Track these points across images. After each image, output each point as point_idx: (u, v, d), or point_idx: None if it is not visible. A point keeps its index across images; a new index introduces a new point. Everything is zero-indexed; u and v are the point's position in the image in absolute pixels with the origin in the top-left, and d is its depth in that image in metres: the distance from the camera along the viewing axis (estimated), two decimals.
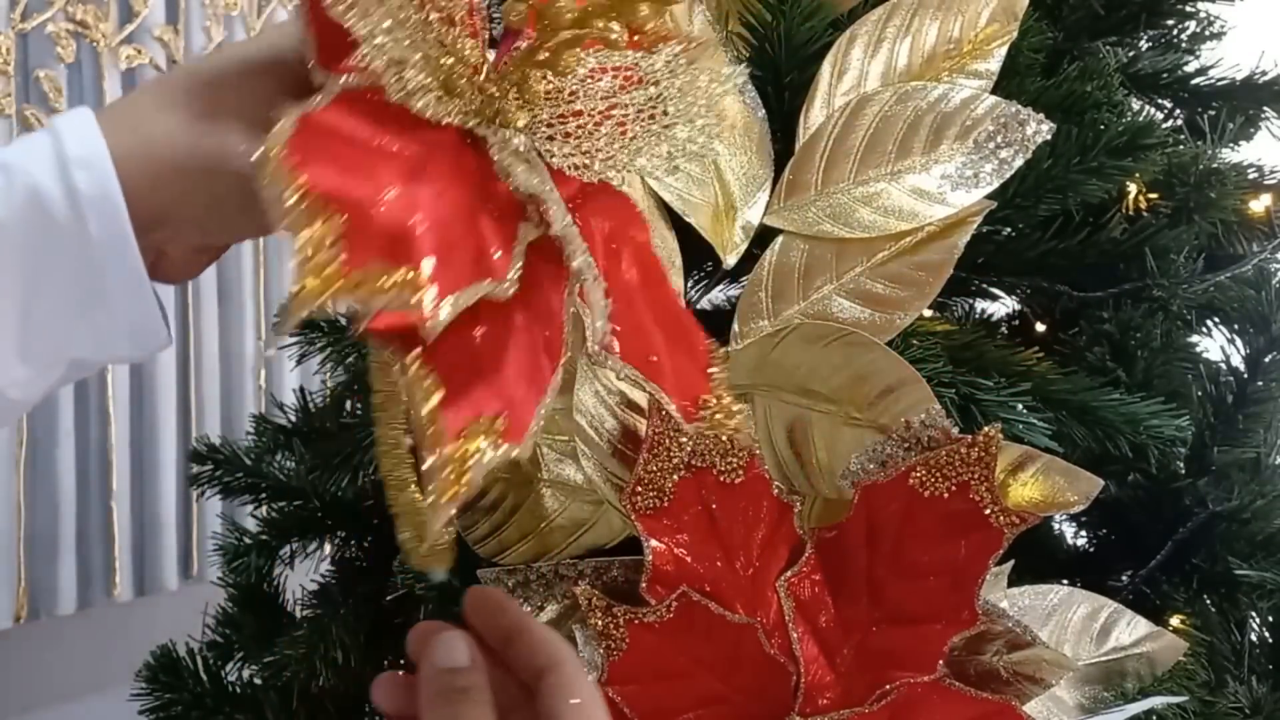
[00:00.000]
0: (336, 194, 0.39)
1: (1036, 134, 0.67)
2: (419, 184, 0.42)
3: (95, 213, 0.39)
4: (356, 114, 0.42)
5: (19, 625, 1.78)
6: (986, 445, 0.64)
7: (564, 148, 0.49)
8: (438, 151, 0.44)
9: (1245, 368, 0.94)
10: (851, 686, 0.65)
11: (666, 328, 0.52)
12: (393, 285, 0.39)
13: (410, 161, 0.42)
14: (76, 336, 0.42)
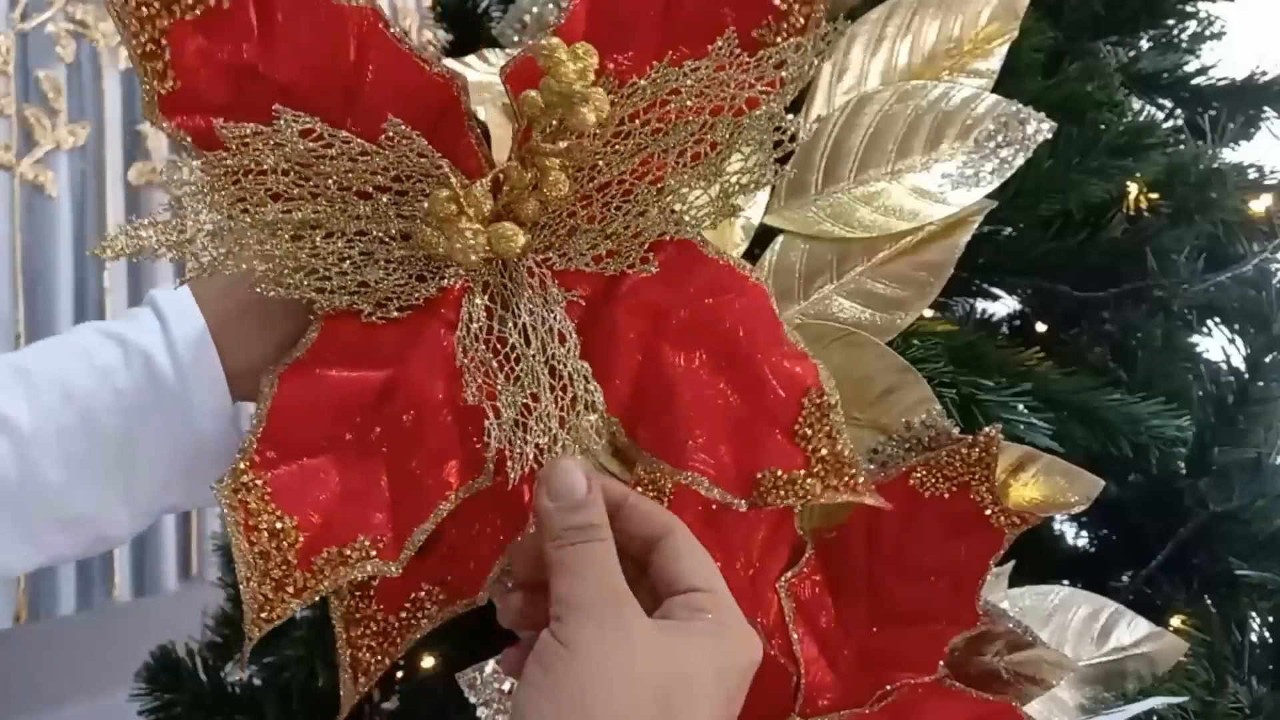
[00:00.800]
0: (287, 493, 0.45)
1: (1037, 133, 0.67)
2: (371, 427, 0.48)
3: (197, 380, 0.46)
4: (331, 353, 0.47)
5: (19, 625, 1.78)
6: (987, 446, 0.64)
7: (581, 243, 0.48)
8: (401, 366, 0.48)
9: (1246, 368, 0.94)
10: (852, 687, 0.65)
11: (738, 392, 0.50)
12: (342, 567, 0.46)
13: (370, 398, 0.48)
14: (174, 489, 0.48)
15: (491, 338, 0.48)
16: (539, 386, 0.47)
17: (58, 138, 1.83)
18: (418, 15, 2.42)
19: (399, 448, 0.48)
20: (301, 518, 0.46)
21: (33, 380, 0.44)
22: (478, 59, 0.78)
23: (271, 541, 0.45)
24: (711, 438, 0.50)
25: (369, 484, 0.48)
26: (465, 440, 0.48)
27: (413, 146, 0.46)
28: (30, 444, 0.44)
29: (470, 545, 0.51)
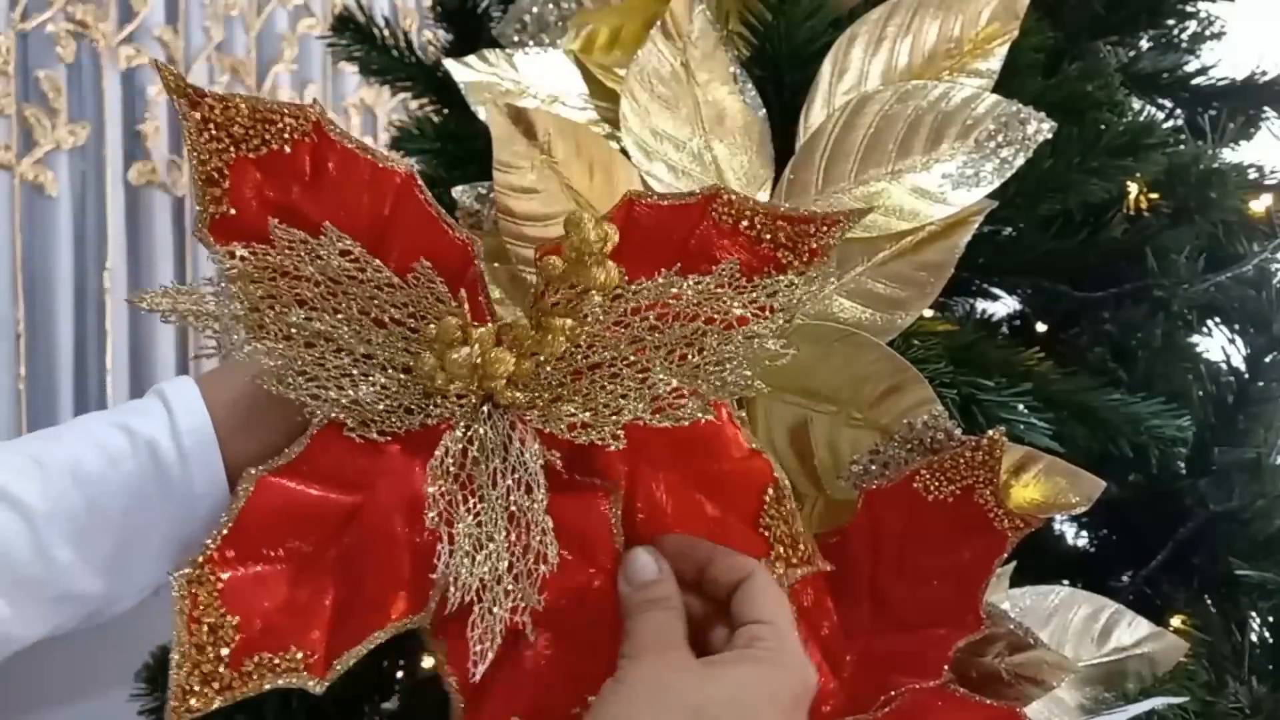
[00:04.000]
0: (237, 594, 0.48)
1: (1038, 133, 0.67)
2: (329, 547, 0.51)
3: (199, 471, 0.50)
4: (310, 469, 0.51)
5: None
6: (991, 449, 0.63)
7: (563, 410, 0.53)
8: (376, 493, 0.52)
9: (1246, 368, 0.94)
10: (855, 693, 0.65)
11: (710, 497, 0.58)
12: (269, 673, 0.50)
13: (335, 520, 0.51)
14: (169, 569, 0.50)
15: (462, 474, 0.52)
16: (495, 529, 0.52)
17: (58, 138, 1.83)
18: (418, 15, 2.42)
19: (351, 572, 0.51)
20: (244, 620, 0.49)
21: (45, 466, 0.47)
22: (478, 59, 0.78)
23: (209, 636, 0.48)
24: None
25: (314, 600, 0.51)
26: (414, 576, 0.52)
27: (434, 289, 0.52)
28: (42, 525, 0.47)
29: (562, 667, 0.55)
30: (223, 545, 0.49)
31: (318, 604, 0.51)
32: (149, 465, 0.49)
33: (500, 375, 0.52)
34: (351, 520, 0.52)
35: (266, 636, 0.50)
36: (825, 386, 0.67)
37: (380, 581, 0.52)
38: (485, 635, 0.51)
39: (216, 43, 2.03)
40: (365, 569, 0.52)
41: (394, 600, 0.52)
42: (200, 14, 2.02)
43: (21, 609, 0.48)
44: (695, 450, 0.57)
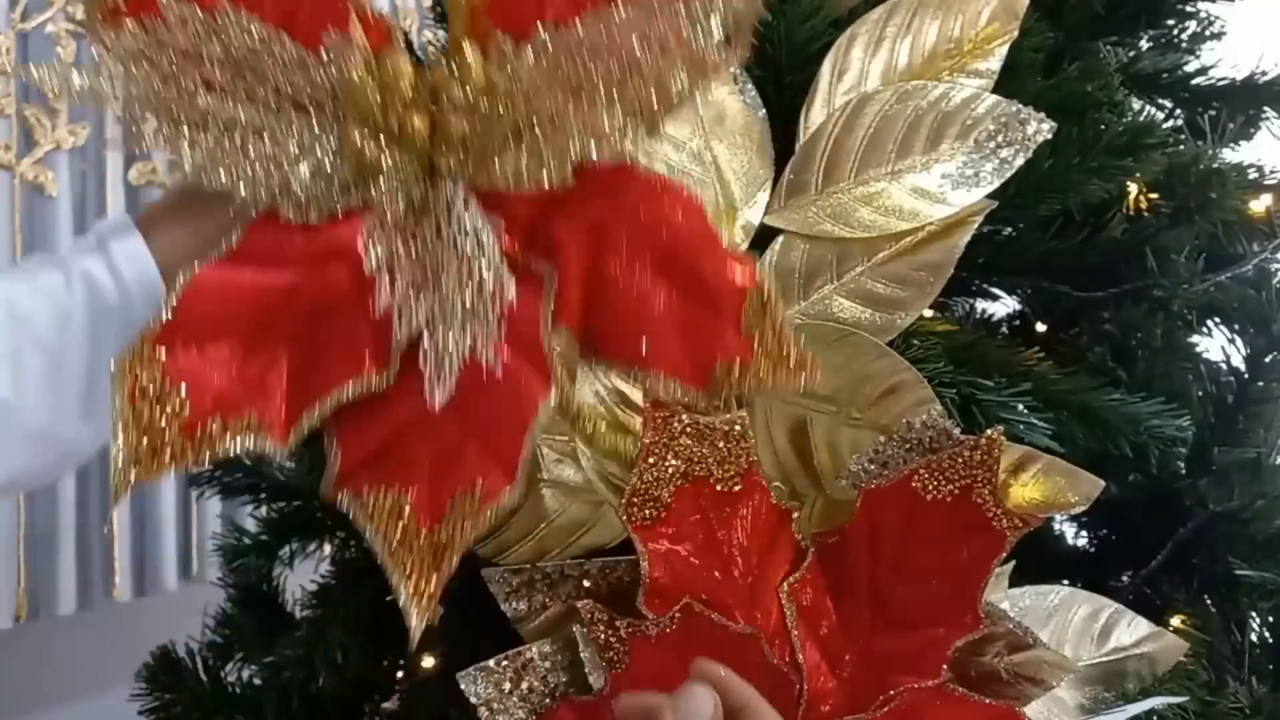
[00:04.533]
0: (183, 372, 0.48)
1: (1037, 133, 0.67)
2: (278, 321, 0.51)
3: (139, 293, 0.50)
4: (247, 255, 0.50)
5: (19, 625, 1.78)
6: (990, 448, 0.63)
7: (507, 164, 0.51)
8: (319, 268, 0.51)
9: (1246, 368, 0.94)
10: (855, 693, 0.65)
11: (685, 295, 0.54)
12: (224, 436, 0.49)
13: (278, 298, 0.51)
14: None
15: (406, 235, 0.51)
16: (449, 282, 0.51)
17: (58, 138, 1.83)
18: (418, 15, 2.42)
19: (303, 339, 0.51)
20: (193, 392, 0.48)
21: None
22: None
23: (156, 408, 0.47)
24: (663, 339, 0.54)
25: (268, 371, 0.51)
26: (375, 336, 0.51)
27: (350, 57, 0.49)
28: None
29: (482, 440, 0.52)
30: (165, 328, 0.48)
31: (272, 373, 0.51)
32: (85, 297, 0.49)
33: (401, 77, 0.50)
34: (296, 295, 0.51)
35: (219, 406, 0.49)
36: (825, 387, 0.67)
37: (338, 345, 0.51)
38: (442, 362, 0.50)
39: None
40: (319, 337, 0.51)
41: (355, 361, 0.51)
42: None
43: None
44: (664, 243, 0.54)
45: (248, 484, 1.09)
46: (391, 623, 0.95)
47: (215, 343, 0.50)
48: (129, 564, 1.93)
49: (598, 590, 0.68)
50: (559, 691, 0.66)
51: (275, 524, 1.08)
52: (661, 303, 0.54)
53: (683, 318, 0.54)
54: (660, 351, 0.54)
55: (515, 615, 0.69)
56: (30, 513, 1.79)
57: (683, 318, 0.54)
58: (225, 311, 0.50)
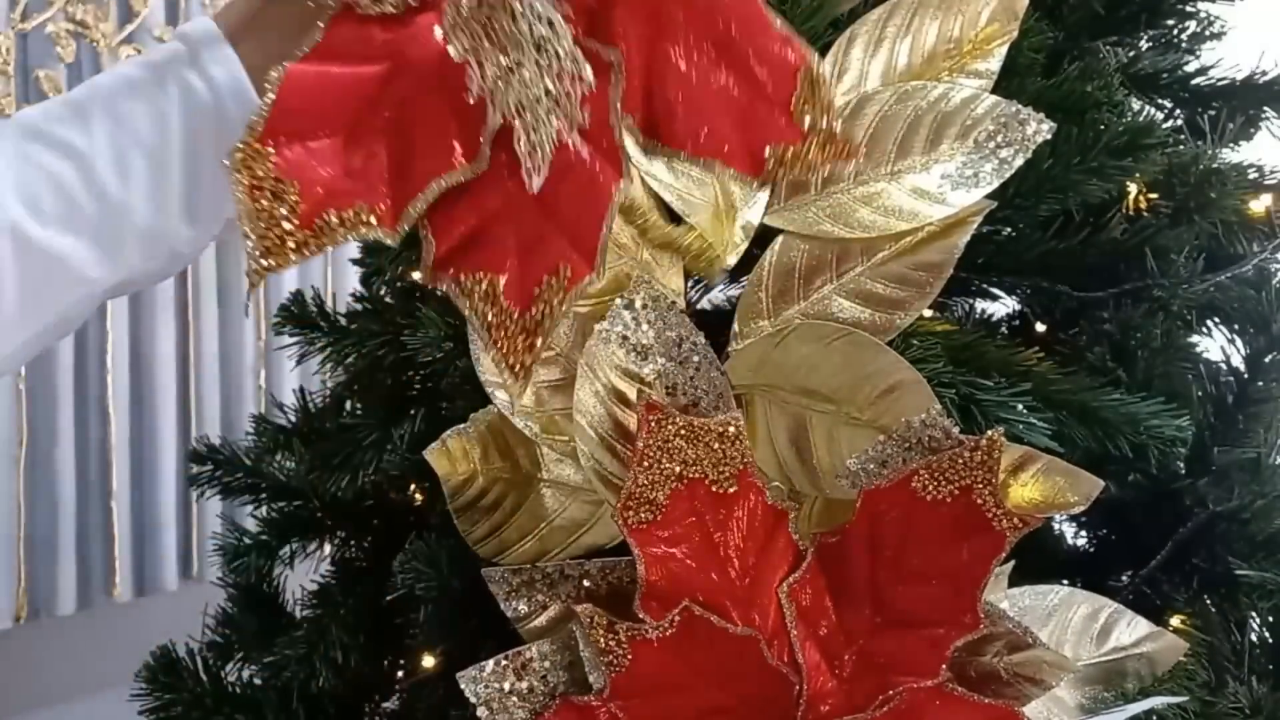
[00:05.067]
0: (292, 165, 0.50)
1: (1037, 133, 0.67)
2: (373, 114, 0.52)
3: (230, 93, 0.52)
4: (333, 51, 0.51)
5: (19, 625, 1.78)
6: (989, 449, 0.63)
7: None
8: (405, 58, 0.52)
9: (1245, 368, 0.94)
10: (854, 693, 0.65)
11: (740, 78, 0.55)
12: (341, 228, 0.51)
13: (370, 89, 0.52)
14: (227, 196, 0.51)
15: (483, 22, 0.52)
16: (523, 55, 0.52)
17: None
18: None
19: (399, 132, 0.53)
20: (304, 186, 0.50)
21: (84, 109, 0.49)
22: None
23: (274, 202, 0.50)
24: (720, 125, 0.56)
25: (370, 162, 0.52)
26: (461, 130, 0.53)
27: None
28: (93, 167, 0.48)
29: (561, 226, 0.55)
30: (267, 127, 0.50)
31: (374, 165, 0.52)
32: (180, 96, 0.50)
33: None
34: (386, 85, 0.52)
35: (330, 198, 0.51)
36: (825, 386, 0.67)
37: (429, 136, 0.53)
38: (535, 150, 0.52)
39: None
40: (411, 127, 0.53)
41: (448, 150, 0.53)
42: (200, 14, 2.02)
43: (90, 251, 0.49)
44: (720, 28, 0.55)
45: (248, 484, 1.09)
46: (391, 623, 0.95)
47: (316, 137, 0.51)
48: (129, 564, 1.93)
49: (597, 590, 0.68)
50: (559, 691, 0.66)
51: (275, 524, 1.08)
52: (719, 87, 0.55)
53: (738, 102, 0.56)
54: (717, 138, 0.56)
55: (515, 615, 0.69)
56: (30, 513, 1.79)
57: (738, 102, 0.56)
58: (322, 106, 0.52)
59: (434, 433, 0.76)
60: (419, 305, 0.93)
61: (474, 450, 0.74)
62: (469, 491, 0.74)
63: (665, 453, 0.63)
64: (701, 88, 0.55)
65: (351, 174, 0.52)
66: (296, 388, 1.23)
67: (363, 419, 1.01)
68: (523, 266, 0.55)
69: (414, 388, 0.98)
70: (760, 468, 0.66)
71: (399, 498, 1.04)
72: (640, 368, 0.66)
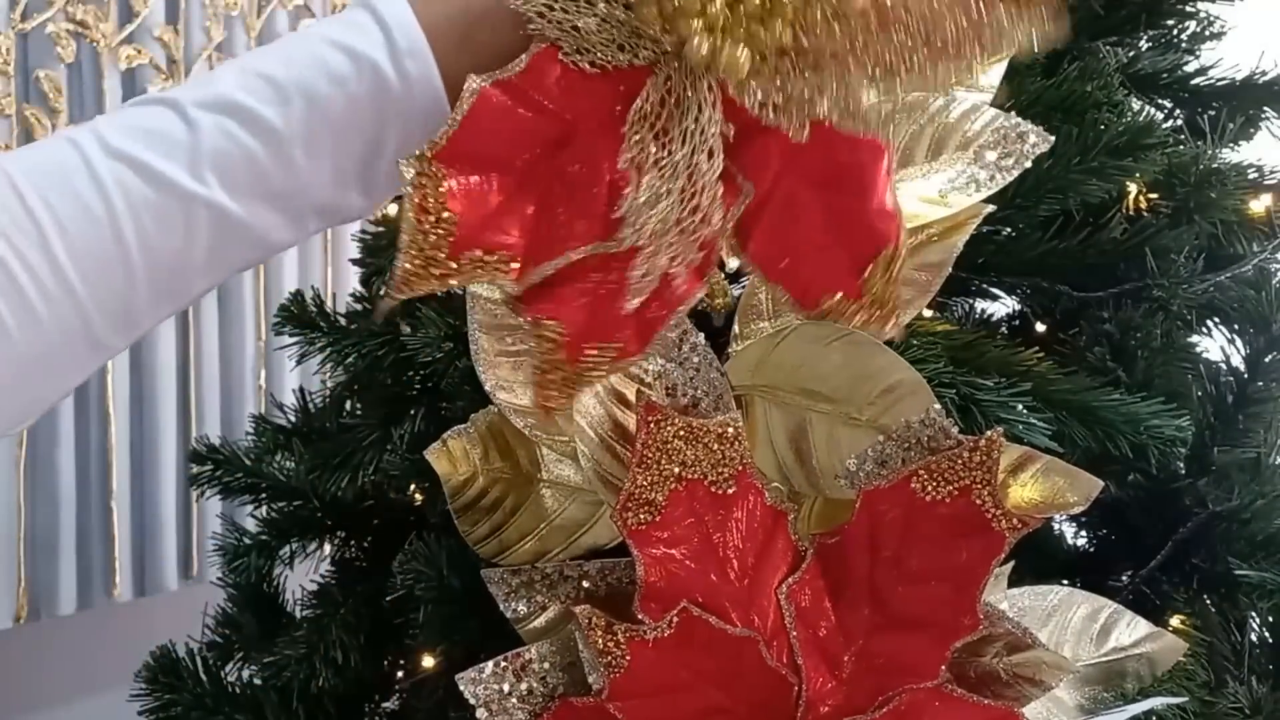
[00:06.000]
0: (461, 193, 0.51)
1: (1036, 146, 0.67)
2: (542, 166, 0.53)
3: (420, 91, 0.53)
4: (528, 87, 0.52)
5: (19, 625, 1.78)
6: (989, 449, 0.63)
7: (761, 83, 0.51)
8: (589, 124, 0.53)
9: (1245, 368, 0.94)
10: (854, 694, 0.65)
11: (834, 230, 0.57)
12: (481, 267, 0.53)
13: (549, 139, 0.53)
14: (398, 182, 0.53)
15: (657, 125, 0.53)
16: (674, 184, 0.53)
17: None
18: None
19: (555, 193, 0.54)
20: (463, 218, 0.52)
21: (283, 89, 0.51)
22: None
23: (436, 226, 0.51)
24: (798, 264, 0.57)
25: (521, 212, 0.53)
26: (606, 208, 0.54)
27: None
28: (284, 144, 0.51)
29: (636, 312, 0.56)
30: (448, 145, 0.51)
31: (523, 216, 0.53)
32: (372, 88, 0.52)
33: (733, 70, 0.50)
34: (561, 145, 0.53)
35: (480, 236, 0.52)
36: (824, 386, 0.67)
37: (579, 206, 0.53)
38: (647, 274, 0.53)
39: (217, 43, 2.03)
40: (568, 192, 0.53)
41: (589, 225, 0.53)
42: (200, 14, 2.02)
43: (277, 221, 0.52)
44: (844, 181, 0.56)
45: (248, 484, 1.09)
46: (391, 623, 0.95)
47: (485, 173, 0.52)
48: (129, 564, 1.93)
49: (596, 591, 0.68)
50: (558, 692, 0.66)
51: (275, 524, 1.08)
52: (810, 227, 0.57)
53: (823, 250, 0.57)
54: (790, 273, 0.58)
55: (514, 616, 0.69)
56: (30, 513, 1.79)
57: (823, 250, 0.57)
58: (500, 142, 0.52)
59: (434, 433, 0.76)
60: (419, 305, 0.93)
61: (474, 450, 0.74)
62: (469, 492, 0.74)
63: (664, 454, 0.63)
64: (797, 222, 0.57)
65: (502, 218, 0.53)
66: (296, 388, 1.23)
67: (363, 419, 1.02)
68: (588, 327, 0.56)
69: (414, 388, 0.98)
70: (760, 468, 0.66)
71: (399, 498, 1.04)
72: (640, 368, 0.66)
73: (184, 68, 2.00)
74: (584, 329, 0.57)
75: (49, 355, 0.49)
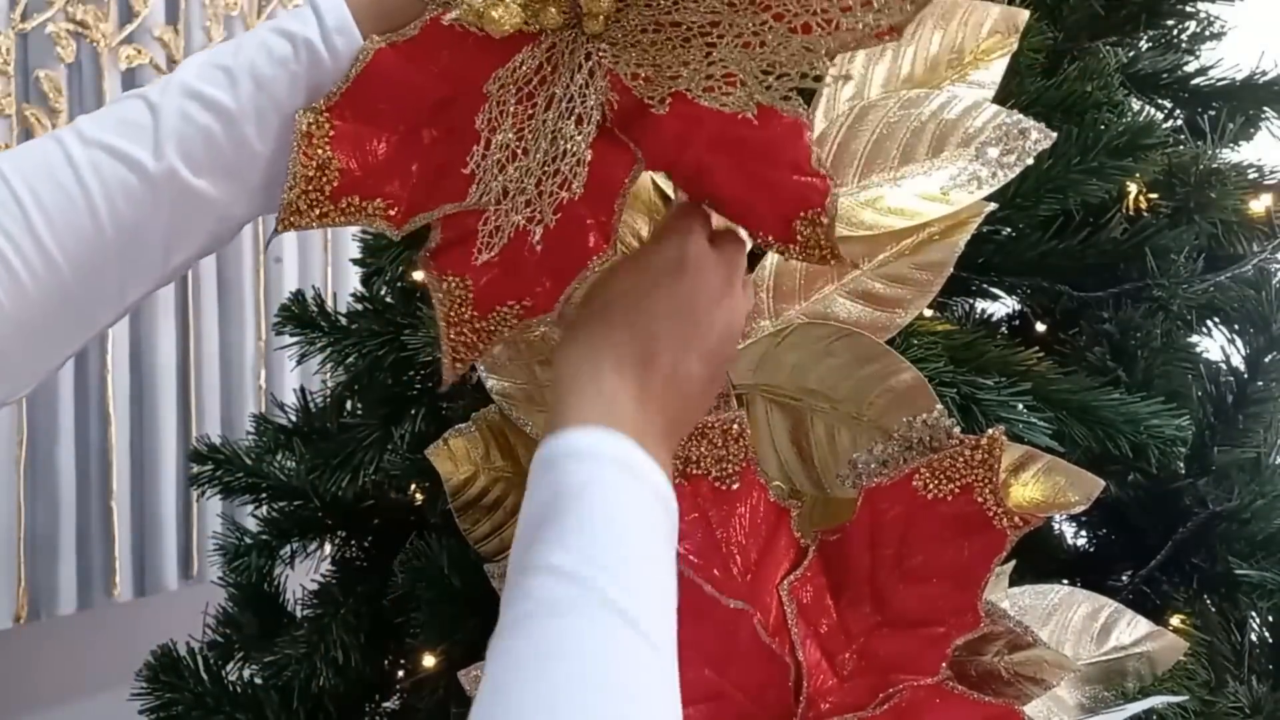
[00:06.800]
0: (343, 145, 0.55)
1: (1038, 143, 0.67)
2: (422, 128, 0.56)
3: (347, 63, 0.57)
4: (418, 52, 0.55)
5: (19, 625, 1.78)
6: (990, 448, 0.63)
7: (631, 58, 0.54)
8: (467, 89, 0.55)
9: (1245, 368, 0.94)
10: (854, 690, 0.65)
11: (758, 194, 0.58)
12: (358, 213, 0.56)
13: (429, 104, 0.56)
14: None
15: (525, 88, 0.55)
16: (534, 145, 0.55)
17: None
18: None
19: (435, 152, 0.57)
20: (345, 165, 0.55)
21: (233, 73, 0.56)
22: None
23: (318, 170, 0.55)
24: (733, 209, 0.59)
25: (404, 165, 0.57)
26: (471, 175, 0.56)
27: None
28: (237, 122, 0.55)
29: (547, 268, 0.59)
30: (341, 98, 0.55)
31: (405, 169, 0.57)
32: (308, 63, 0.56)
33: (547, 20, 0.53)
34: (445, 107, 0.56)
35: (362, 184, 0.56)
36: (825, 386, 0.68)
37: (453, 165, 0.56)
38: (494, 234, 0.56)
39: (217, 43, 2.03)
40: (445, 152, 0.56)
41: (461, 184, 0.56)
42: (200, 14, 2.02)
43: (234, 193, 0.56)
44: (754, 151, 0.57)
45: (248, 484, 1.09)
46: (391, 623, 0.95)
47: (373, 127, 0.56)
48: (129, 564, 1.93)
49: None
50: None
51: (276, 523, 1.08)
52: (734, 189, 0.58)
53: (748, 204, 0.58)
54: (733, 217, 0.60)
55: None
56: (30, 513, 1.79)
57: (748, 204, 0.58)
58: (390, 98, 0.55)
59: (434, 433, 0.76)
60: (419, 305, 0.93)
61: (475, 449, 0.74)
62: (470, 490, 0.74)
63: None
64: (714, 184, 0.58)
65: (386, 169, 0.56)
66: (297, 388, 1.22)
67: (363, 419, 1.02)
68: (495, 285, 0.59)
69: (414, 388, 0.98)
70: (761, 467, 0.66)
71: (399, 497, 1.04)
72: None
73: None
74: (491, 286, 0.60)
75: (37, 326, 0.53)
